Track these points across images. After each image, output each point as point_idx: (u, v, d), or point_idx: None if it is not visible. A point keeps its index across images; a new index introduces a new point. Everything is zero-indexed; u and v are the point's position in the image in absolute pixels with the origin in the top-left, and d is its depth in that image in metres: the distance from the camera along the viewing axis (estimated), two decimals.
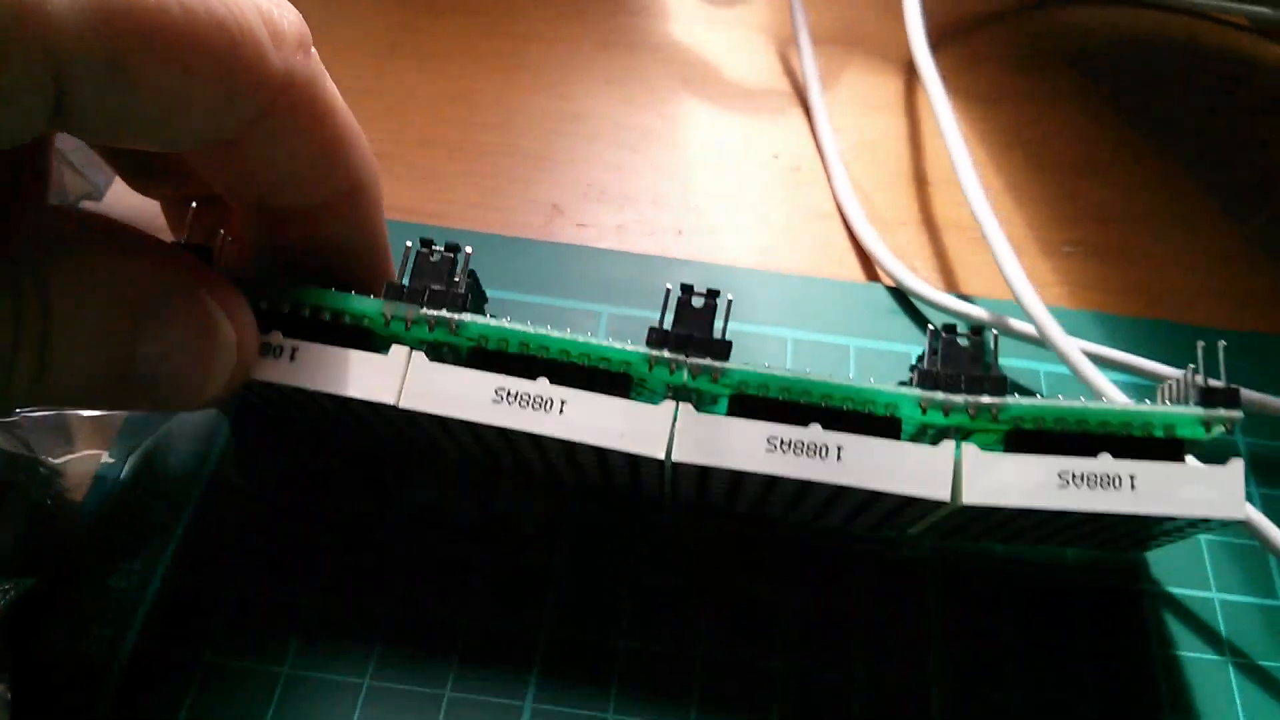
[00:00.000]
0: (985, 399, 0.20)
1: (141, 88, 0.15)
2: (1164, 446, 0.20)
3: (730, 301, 0.20)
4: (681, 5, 0.39)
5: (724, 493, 0.21)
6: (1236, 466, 0.19)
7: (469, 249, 0.21)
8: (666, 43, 0.38)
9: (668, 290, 0.20)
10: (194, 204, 0.21)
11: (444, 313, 0.20)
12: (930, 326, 0.21)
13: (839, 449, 0.19)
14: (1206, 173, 0.34)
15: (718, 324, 0.20)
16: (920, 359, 0.20)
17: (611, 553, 0.23)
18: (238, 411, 0.25)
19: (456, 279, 0.21)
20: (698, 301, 0.20)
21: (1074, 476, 0.19)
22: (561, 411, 0.19)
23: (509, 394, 0.20)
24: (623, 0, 0.39)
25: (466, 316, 0.20)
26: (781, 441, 0.19)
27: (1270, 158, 0.35)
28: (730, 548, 0.24)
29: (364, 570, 0.23)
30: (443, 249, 0.21)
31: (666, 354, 0.20)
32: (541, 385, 0.20)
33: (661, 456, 0.19)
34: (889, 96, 0.36)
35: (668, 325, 0.20)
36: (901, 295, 0.29)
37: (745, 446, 0.19)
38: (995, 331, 0.20)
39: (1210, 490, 0.19)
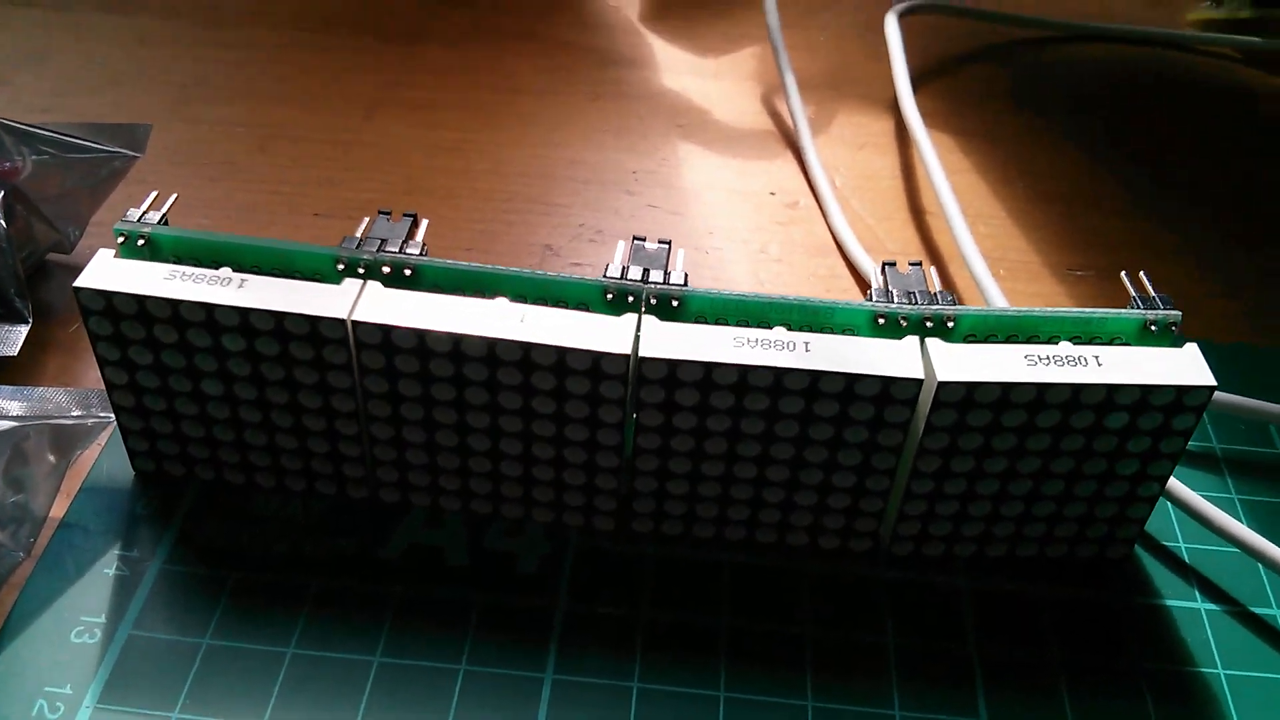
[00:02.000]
0: (940, 307, 0.20)
1: None
2: None
3: (681, 251, 0.21)
4: (668, 58, 0.39)
5: (690, 448, 0.20)
6: (1192, 348, 0.19)
7: (427, 220, 0.22)
8: (656, 92, 0.37)
9: (620, 244, 0.21)
10: None
11: (401, 254, 0.20)
12: (875, 265, 0.22)
13: (805, 343, 0.19)
14: (1207, 201, 0.34)
15: (672, 266, 0.20)
16: (869, 293, 0.21)
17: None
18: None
19: (414, 241, 0.21)
20: (651, 246, 0.21)
21: (1040, 357, 0.19)
22: (523, 321, 0.19)
23: (467, 308, 0.19)
24: (610, 55, 0.39)
25: (423, 260, 0.20)
26: (748, 339, 0.19)
27: (1269, 182, 0.34)
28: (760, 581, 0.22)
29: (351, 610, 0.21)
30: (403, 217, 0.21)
31: (626, 281, 0.20)
32: (500, 303, 0.20)
33: (626, 352, 0.19)
34: (882, 134, 0.36)
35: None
36: None
37: (713, 342, 0.19)
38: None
39: (1174, 364, 0.19)
